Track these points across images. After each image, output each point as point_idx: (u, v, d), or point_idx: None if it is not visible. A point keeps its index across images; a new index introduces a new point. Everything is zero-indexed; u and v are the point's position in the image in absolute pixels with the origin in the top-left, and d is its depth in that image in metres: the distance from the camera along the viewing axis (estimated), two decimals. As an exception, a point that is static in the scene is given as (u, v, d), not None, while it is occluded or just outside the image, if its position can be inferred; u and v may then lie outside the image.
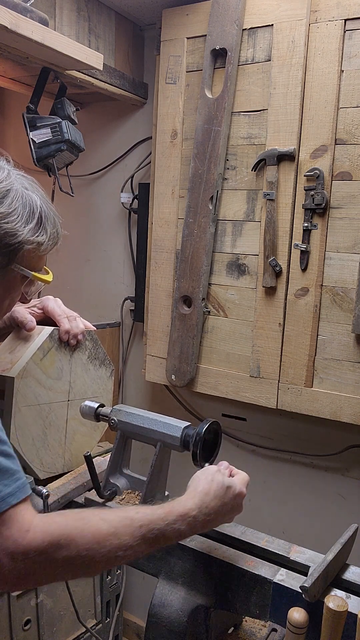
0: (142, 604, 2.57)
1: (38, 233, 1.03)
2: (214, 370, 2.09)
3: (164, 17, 2.08)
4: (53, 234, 1.07)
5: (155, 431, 1.23)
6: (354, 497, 2.02)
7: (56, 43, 1.70)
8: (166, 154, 2.14)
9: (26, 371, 1.29)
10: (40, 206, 1.05)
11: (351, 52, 1.74)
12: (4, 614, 1.65)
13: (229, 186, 2.01)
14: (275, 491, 2.18)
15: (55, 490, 1.32)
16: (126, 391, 2.57)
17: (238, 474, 1.14)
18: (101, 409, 1.34)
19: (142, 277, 2.35)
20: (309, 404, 1.89)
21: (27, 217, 1.01)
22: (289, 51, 1.82)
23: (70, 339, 1.38)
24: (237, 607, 1.13)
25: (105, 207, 2.54)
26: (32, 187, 1.06)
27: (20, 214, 1.00)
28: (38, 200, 1.05)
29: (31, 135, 1.91)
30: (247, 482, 1.12)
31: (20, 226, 1.00)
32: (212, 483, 1.06)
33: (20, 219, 1.00)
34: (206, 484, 1.06)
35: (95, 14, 2.09)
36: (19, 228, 0.99)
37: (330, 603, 0.94)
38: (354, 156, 1.77)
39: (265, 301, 1.95)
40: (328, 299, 1.85)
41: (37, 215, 1.03)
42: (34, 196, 1.04)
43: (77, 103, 2.37)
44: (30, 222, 1.02)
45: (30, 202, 1.03)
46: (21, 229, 1.00)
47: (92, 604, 1.94)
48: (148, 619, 1.16)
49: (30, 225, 1.02)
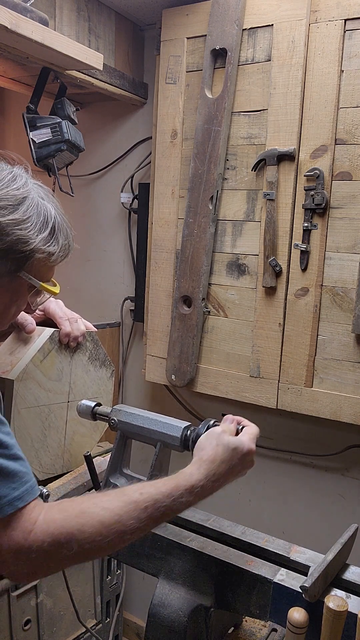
0: (142, 604, 2.57)
1: (50, 243, 1.03)
2: (214, 370, 2.09)
3: (164, 17, 2.08)
4: (64, 245, 1.08)
5: (155, 431, 1.23)
6: (354, 497, 2.02)
7: (56, 43, 1.70)
8: (166, 154, 2.14)
9: (26, 373, 1.28)
10: (55, 217, 1.05)
11: (351, 52, 1.74)
12: (4, 614, 1.65)
13: (229, 186, 2.01)
14: (275, 491, 2.18)
15: (55, 490, 1.32)
16: (126, 391, 2.57)
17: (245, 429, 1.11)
18: (98, 408, 1.34)
19: (142, 277, 2.35)
20: (309, 404, 1.89)
21: (40, 225, 1.02)
22: (289, 51, 1.82)
23: (71, 342, 1.38)
24: (237, 607, 1.13)
25: (105, 207, 2.54)
26: (48, 197, 1.07)
27: (34, 222, 1.01)
28: (53, 211, 1.05)
29: (31, 135, 1.91)
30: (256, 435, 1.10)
31: (33, 234, 1.00)
32: (218, 447, 1.04)
33: (33, 227, 1.00)
34: (211, 450, 1.04)
35: (95, 14, 2.09)
36: (32, 236, 1.00)
37: (330, 603, 0.94)
38: (354, 156, 1.77)
39: (265, 301, 1.95)
40: (328, 299, 1.85)
41: (50, 225, 1.03)
42: (49, 206, 1.05)
43: (77, 103, 2.37)
44: (43, 231, 1.02)
45: (45, 212, 1.03)
46: (34, 237, 1.00)
47: (92, 604, 1.94)
48: (148, 619, 1.16)
49: (43, 235, 1.02)
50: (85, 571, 1.89)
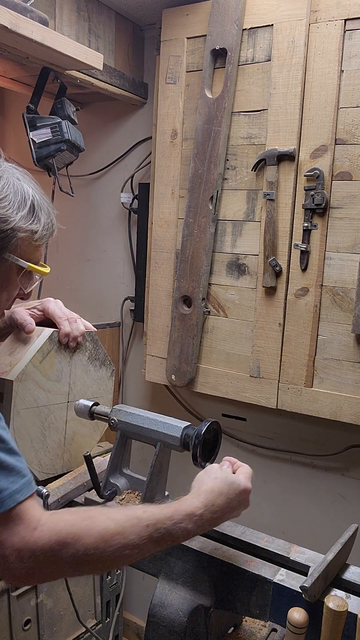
0: (142, 604, 2.57)
1: (31, 221, 1.02)
2: (214, 370, 2.09)
3: (164, 17, 2.08)
4: (47, 223, 1.06)
5: (155, 431, 1.23)
6: (354, 497, 2.02)
7: (56, 43, 1.70)
8: (166, 154, 2.14)
9: (25, 374, 1.28)
10: (33, 195, 1.04)
11: (351, 52, 1.74)
12: (4, 614, 1.65)
13: (229, 186, 2.01)
14: (275, 491, 2.18)
15: (55, 490, 1.32)
16: (126, 391, 2.57)
17: (240, 469, 1.13)
18: (95, 408, 1.34)
19: (142, 277, 2.35)
20: (309, 404, 1.89)
21: (19, 204, 1.01)
22: (289, 51, 1.82)
23: (70, 342, 1.37)
24: (237, 607, 1.13)
25: (105, 207, 2.54)
26: (24, 178, 1.06)
27: (11, 201, 0.99)
28: (30, 190, 1.04)
29: (31, 135, 1.91)
30: (250, 475, 1.11)
31: (12, 212, 0.99)
32: (216, 481, 1.05)
33: (11, 205, 0.99)
34: (210, 482, 1.05)
35: (95, 14, 2.09)
36: (11, 214, 0.99)
37: (330, 603, 0.94)
38: (354, 156, 1.77)
39: (265, 301, 1.95)
40: (328, 299, 1.85)
41: (29, 203, 1.02)
42: (25, 185, 1.04)
43: (77, 103, 2.37)
44: (22, 209, 1.01)
45: (22, 191, 1.02)
46: (13, 216, 0.99)
47: (92, 604, 1.94)
48: (148, 619, 1.16)
49: (22, 213, 1.01)
50: (85, 571, 1.89)
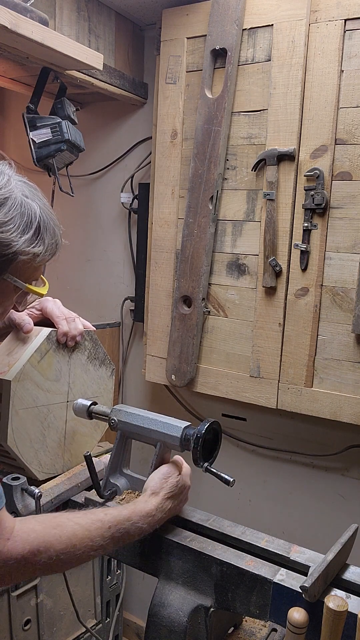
0: (142, 604, 2.57)
1: (35, 244, 1.00)
2: (214, 370, 2.09)
3: (164, 17, 2.08)
4: (51, 244, 1.04)
5: (155, 431, 1.23)
6: (354, 497, 2.02)
7: (56, 43, 1.70)
8: (166, 154, 2.14)
9: (23, 374, 1.28)
10: (40, 216, 1.01)
11: (351, 52, 1.74)
12: (4, 614, 1.65)
13: (229, 186, 2.01)
14: (275, 491, 2.18)
15: (48, 491, 1.31)
16: (126, 391, 2.57)
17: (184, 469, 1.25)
18: (94, 407, 1.33)
19: (142, 277, 2.35)
20: (309, 404, 1.89)
21: (24, 227, 0.98)
22: (289, 51, 1.82)
23: (69, 341, 1.37)
24: (237, 607, 1.13)
25: (105, 207, 2.54)
26: (32, 194, 1.02)
27: (17, 224, 0.97)
28: (38, 210, 1.01)
29: (31, 135, 1.91)
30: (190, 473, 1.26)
31: (16, 236, 0.97)
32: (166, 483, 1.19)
33: (16, 228, 0.97)
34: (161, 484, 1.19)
35: (95, 14, 2.09)
36: (14, 238, 0.96)
37: (330, 603, 0.94)
38: (354, 156, 1.77)
39: (265, 301, 1.95)
40: (328, 299, 1.85)
41: (35, 225, 1.00)
42: (33, 205, 1.01)
43: (77, 103, 2.37)
44: (27, 232, 0.98)
45: (29, 212, 0.99)
46: (16, 239, 0.97)
47: (92, 604, 1.94)
48: (148, 619, 1.16)
49: (27, 236, 0.98)
50: (85, 571, 1.89)
